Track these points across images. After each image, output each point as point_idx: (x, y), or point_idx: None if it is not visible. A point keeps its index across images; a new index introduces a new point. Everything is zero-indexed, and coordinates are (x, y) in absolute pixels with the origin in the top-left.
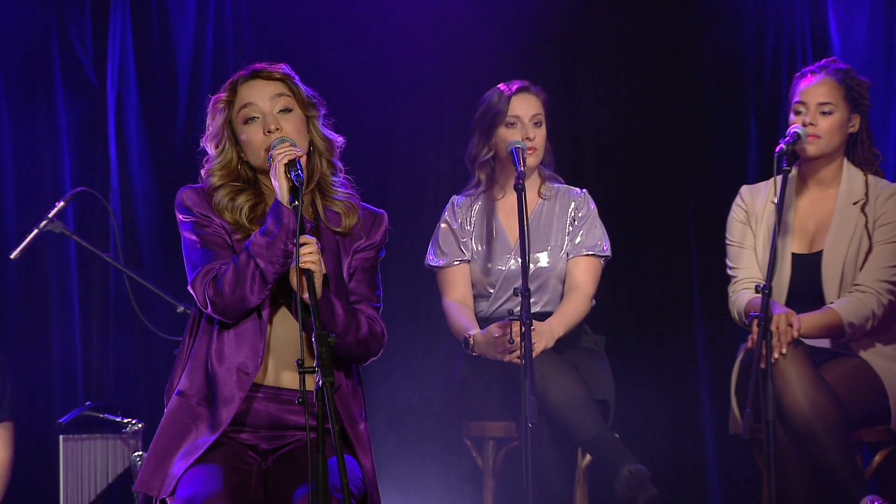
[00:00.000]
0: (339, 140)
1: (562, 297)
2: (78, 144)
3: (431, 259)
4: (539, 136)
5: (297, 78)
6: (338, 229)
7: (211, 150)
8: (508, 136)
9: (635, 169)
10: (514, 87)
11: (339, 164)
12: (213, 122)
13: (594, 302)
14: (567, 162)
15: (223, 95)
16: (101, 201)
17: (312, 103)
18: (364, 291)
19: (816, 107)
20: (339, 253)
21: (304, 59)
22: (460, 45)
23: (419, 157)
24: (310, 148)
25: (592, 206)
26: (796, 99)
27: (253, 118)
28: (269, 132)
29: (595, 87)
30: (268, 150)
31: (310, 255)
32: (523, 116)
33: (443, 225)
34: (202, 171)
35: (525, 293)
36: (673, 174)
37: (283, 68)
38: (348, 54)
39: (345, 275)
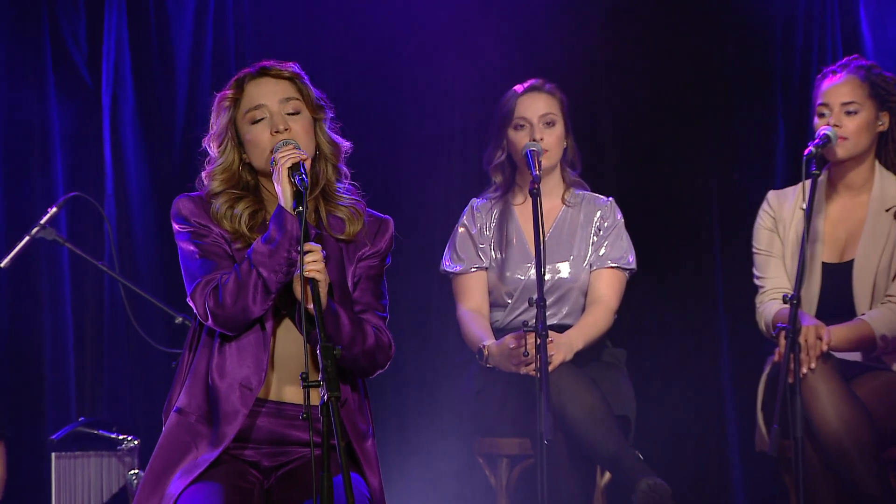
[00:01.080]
0: (346, 145)
1: (583, 310)
2: (71, 147)
3: (447, 264)
4: (550, 137)
5: (306, 78)
6: (341, 237)
7: (213, 150)
8: (517, 138)
9: (656, 174)
10: (523, 87)
11: (345, 170)
12: (217, 121)
13: (616, 317)
14: (585, 167)
15: (229, 93)
16: (95, 206)
17: (320, 105)
18: (369, 301)
19: (840, 107)
20: (343, 261)
21: (309, 58)
22: (472, 43)
23: (428, 160)
24: (316, 152)
25: (619, 216)
26: (819, 101)
27: (260, 119)
28: (276, 132)
29: (614, 89)
30: (273, 151)
31: (314, 263)
32: (531, 117)
33: (461, 229)
34: (203, 174)
35: (540, 304)
36: (696, 179)
37: (293, 67)
38: (355, 52)
39: (349, 284)
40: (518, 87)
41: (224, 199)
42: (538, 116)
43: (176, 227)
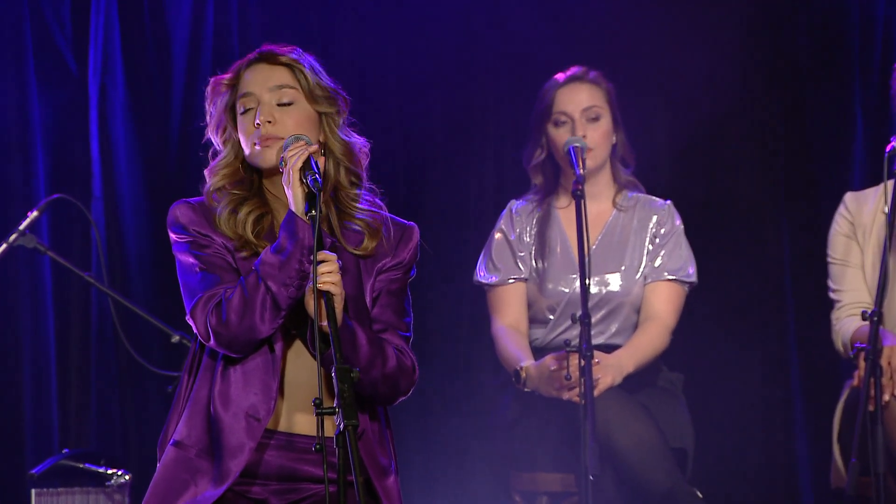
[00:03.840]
0: (361, 142)
1: (635, 327)
2: (54, 143)
3: (482, 275)
4: (595, 133)
5: (308, 65)
6: (357, 251)
7: (217, 142)
8: (557, 135)
9: (717, 175)
10: (563, 78)
11: (362, 173)
12: (212, 109)
13: (673, 336)
14: (636, 169)
15: (225, 77)
16: (81, 210)
17: (329, 97)
18: (390, 318)
19: None
20: (360, 274)
21: (323, 44)
22: (511, 26)
23: (458, 158)
24: (321, 151)
25: (678, 221)
26: None
27: (249, 109)
28: (258, 125)
29: (669, 81)
30: (257, 143)
31: (329, 274)
32: (572, 112)
33: (497, 235)
34: (206, 171)
35: (585, 320)
36: (763, 180)
37: (292, 53)
38: (375, 38)
39: (367, 299)
40: (558, 77)
41: (227, 201)
42: (580, 110)
43: (173, 236)
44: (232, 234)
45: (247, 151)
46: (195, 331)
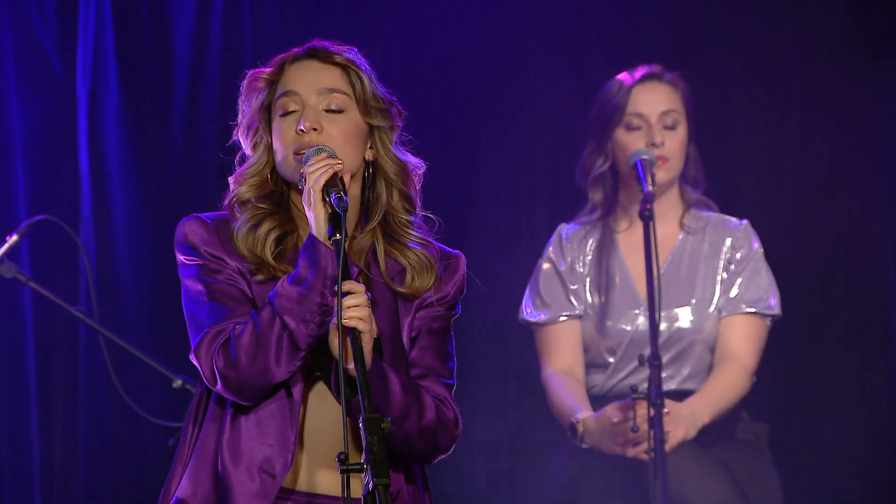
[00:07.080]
0: (416, 163)
1: (710, 370)
2: (36, 156)
3: (529, 312)
4: (672, 141)
5: (364, 68)
6: (402, 290)
7: (246, 146)
8: (629, 141)
9: (810, 191)
10: (638, 75)
11: (416, 199)
12: (246, 107)
13: (755, 378)
14: (715, 186)
15: (265, 72)
16: (67, 233)
17: (383, 109)
18: (431, 362)
19: None
20: (397, 309)
21: (347, 41)
22: (565, 26)
23: (505, 172)
24: (367, 169)
25: (757, 244)
26: None
27: (291, 112)
28: (301, 131)
29: (755, 85)
30: (297, 154)
31: (356, 308)
32: (649, 114)
33: (545, 265)
34: (231, 179)
35: (654, 362)
36: (864, 198)
37: (348, 52)
38: (411, 40)
39: (405, 339)
40: (629, 76)
41: (248, 216)
42: (658, 114)
43: (181, 258)
44: (248, 254)
45: (279, 158)
46: (200, 372)
